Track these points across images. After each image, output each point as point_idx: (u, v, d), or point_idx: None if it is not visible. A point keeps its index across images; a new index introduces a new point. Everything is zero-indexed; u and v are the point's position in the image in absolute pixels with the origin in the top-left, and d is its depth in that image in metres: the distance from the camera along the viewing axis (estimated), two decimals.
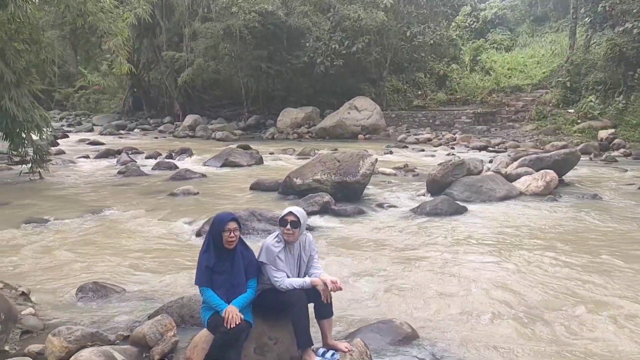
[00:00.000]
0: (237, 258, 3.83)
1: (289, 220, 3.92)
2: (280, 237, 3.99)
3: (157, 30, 32.44)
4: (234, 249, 3.84)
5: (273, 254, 3.90)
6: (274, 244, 3.95)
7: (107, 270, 6.29)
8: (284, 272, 3.89)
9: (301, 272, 4.08)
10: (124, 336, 4.26)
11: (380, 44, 27.71)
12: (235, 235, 3.81)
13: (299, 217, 3.93)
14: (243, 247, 3.91)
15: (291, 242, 3.98)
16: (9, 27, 12.02)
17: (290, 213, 3.94)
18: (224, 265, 3.79)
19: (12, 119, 11.37)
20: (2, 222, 8.37)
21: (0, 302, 3.94)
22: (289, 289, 3.81)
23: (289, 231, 3.92)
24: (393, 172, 13.79)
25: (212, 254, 3.85)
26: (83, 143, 22.87)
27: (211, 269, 3.79)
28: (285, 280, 3.85)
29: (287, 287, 3.82)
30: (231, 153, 15.90)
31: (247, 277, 3.84)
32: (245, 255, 3.88)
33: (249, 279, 3.85)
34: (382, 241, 7.54)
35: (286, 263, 3.96)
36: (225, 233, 3.78)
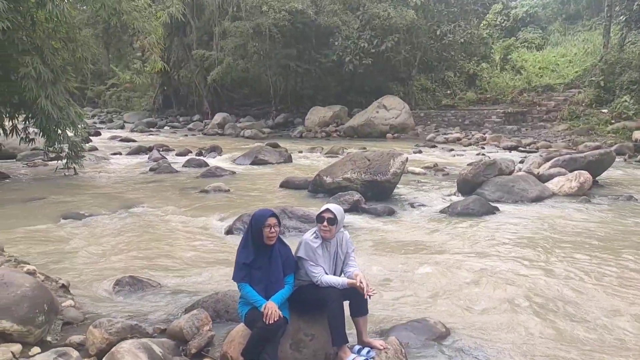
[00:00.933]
0: (275, 254, 3.87)
1: (326, 217, 3.95)
2: (317, 233, 4.02)
3: (188, 29, 32.83)
4: (272, 245, 3.88)
5: (311, 250, 3.94)
6: (312, 239, 4.00)
7: (141, 264, 6.40)
8: (322, 268, 3.92)
9: (337, 269, 4.10)
10: (161, 329, 4.33)
11: (409, 43, 27.53)
12: (276, 230, 3.86)
13: (335, 214, 3.96)
14: (280, 244, 3.95)
15: (328, 239, 4.01)
16: (46, 26, 12.29)
17: (328, 210, 3.97)
18: (262, 261, 3.83)
19: (48, 116, 11.62)
20: (41, 217, 8.59)
21: (43, 295, 4.04)
22: (325, 286, 3.84)
23: (325, 228, 3.95)
24: (423, 171, 13.71)
25: (251, 250, 3.89)
26: (115, 140, 23.26)
27: (249, 265, 3.84)
28: (323, 277, 3.88)
29: (325, 284, 3.84)
30: (260, 151, 16.00)
31: (285, 273, 3.87)
32: (282, 252, 3.92)
33: (287, 275, 3.88)
34: (413, 240, 7.51)
35: (324, 259, 3.99)
36: (266, 229, 3.82)
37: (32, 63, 10.89)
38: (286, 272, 3.89)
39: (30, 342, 3.86)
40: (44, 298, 4.03)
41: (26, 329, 3.80)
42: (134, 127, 30.52)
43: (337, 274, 4.08)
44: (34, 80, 11.01)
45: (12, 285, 3.91)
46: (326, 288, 3.83)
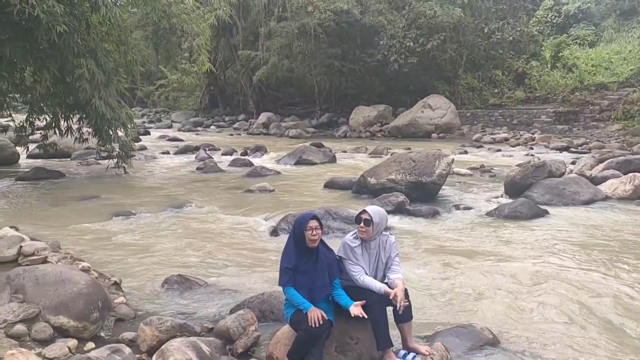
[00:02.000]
0: (319, 258, 3.89)
1: (363, 218, 4.00)
2: (357, 234, 4.05)
3: (234, 29, 33.29)
4: (316, 248, 3.89)
5: (350, 249, 4.00)
6: (352, 240, 4.06)
7: (189, 263, 6.54)
8: (361, 267, 3.95)
9: (379, 271, 4.09)
10: (209, 328, 4.42)
11: (456, 41, 27.13)
12: (317, 233, 3.86)
13: (372, 215, 3.97)
14: (325, 248, 3.97)
15: (366, 240, 4.02)
16: (100, 30, 12.72)
17: (364, 211, 4.03)
18: (306, 265, 3.86)
19: (101, 117, 12.02)
20: (94, 214, 8.89)
21: (97, 292, 4.19)
22: (367, 289, 3.84)
23: (362, 229, 3.99)
24: (469, 172, 13.49)
25: (294, 254, 3.91)
26: (163, 139, 23.84)
27: (292, 270, 3.86)
28: (363, 276, 3.91)
29: (363, 284, 3.87)
30: (305, 151, 16.09)
31: (330, 278, 3.89)
32: (327, 255, 3.93)
33: (332, 280, 3.90)
34: (459, 243, 7.40)
35: (363, 259, 4.00)
36: (308, 232, 3.84)
37: (87, 65, 11.27)
38: (331, 276, 3.90)
39: (85, 338, 4.01)
40: (98, 295, 4.18)
41: (82, 324, 3.95)
42: (181, 126, 31.20)
43: (379, 277, 4.07)
44: (87, 82, 11.40)
45: (69, 283, 4.07)
46: (369, 292, 3.84)
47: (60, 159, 16.04)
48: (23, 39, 11.46)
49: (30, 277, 4.10)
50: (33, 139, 15.34)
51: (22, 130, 14.21)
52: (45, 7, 10.05)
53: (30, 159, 15.81)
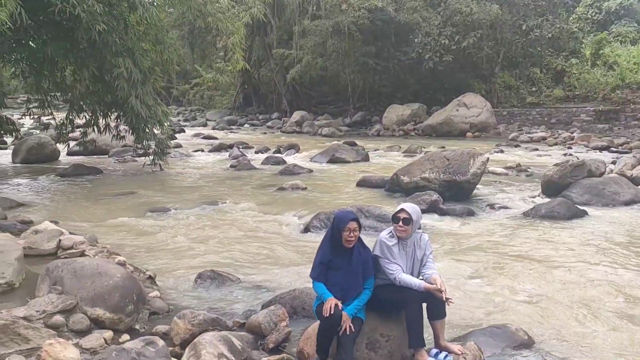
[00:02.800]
0: (354, 256, 3.84)
1: (401, 217, 3.92)
2: (393, 232, 4.00)
3: (268, 28, 33.49)
4: (352, 248, 3.86)
5: (387, 248, 3.94)
6: (388, 238, 3.99)
7: (222, 258, 6.60)
8: (399, 266, 3.89)
9: (415, 269, 4.05)
10: (240, 323, 4.45)
11: (492, 39, 26.69)
12: (355, 235, 3.82)
13: (411, 214, 3.91)
14: (361, 246, 3.91)
15: (404, 238, 3.97)
16: (137, 29, 12.95)
17: (403, 210, 3.94)
18: (340, 263, 3.83)
19: (137, 115, 12.25)
20: (131, 210, 9.07)
21: (133, 285, 4.27)
22: (403, 286, 3.80)
23: (401, 228, 3.92)
24: (504, 171, 13.25)
25: (329, 250, 3.91)
26: (198, 137, 24.14)
27: (326, 265, 3.86)
28: (400, 275, 3.85)
29: (401, 282, 3.81)
30: (338, 149, 16.07)
31: (364, 277, 3.84)
32: (362, 254, 3.88)
33: (366, 279, 3.86)
34: (493, 243, 7.28)
35: (400, 257, 3.96)
36: (345, 232, 3.81)
37: (124, 64, 11.50)
38: (365, 276, 3.85)
39: (120, 329, 4.09)
40: (134, 288, 4.26)
41: (117, 317, 4.03)
42: (215, 124, 31.55)
43: (415, 275, 4.03)
44: (125, 80, 11.62)
45: (105, 275, 4.16)
46: (406, 289, 3.79)
47: (99, 156, 16.41)
48: (64, 39, 11.76)
49: (69, 269, 4.20)
50: (73, 136, 15.76)
51: (63, 128, 14.61)
52: (85, 7, 10.31)
53: (70, 156, 16.25)
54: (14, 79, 15.47)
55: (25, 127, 21.14)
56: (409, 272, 3.99)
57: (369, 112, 31.04)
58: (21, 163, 15.01)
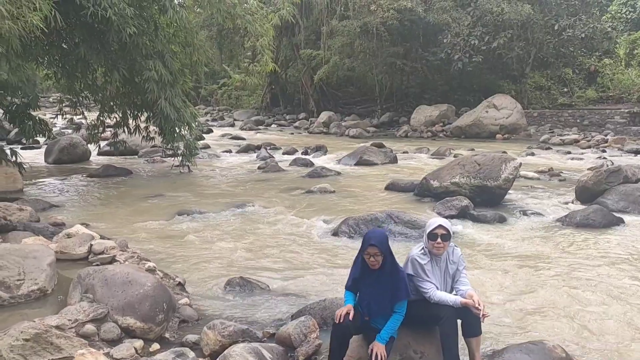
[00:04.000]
0: (383, 278, 3.73)
1: (440, 233, 3.81)
2: (425, 249, 3.89)
3: (296, 29, 33.50)
4: (382, 269, 3.74)
5: (420, 267, 3.84)
6: (420, 256, 3.88)
7: (250, 264, 6.57)
8: (432, 284, 3.79)
9: (447, 285, 3.95)
10: (270, 334, 4.40)
11: (523, 39, 26.20)
12: (376, 260, 3.71)
13: (449, 229, 3.81)
14: (392, 268, 3.75)
15: (439, 255, 3.87)
16: (167, 31, 13.04)
17: (441, 226, 3.82)
18: (368, 280, 3.78)
19: (167, 117, 12.33)
20: (159, 213, 9.12)
21: (163, 294, 4.25)
22: (438, 303, 3.71)
23: (439, 245, 3.82)
24: (536, 175, 12.97)
25: (359, 266, 3.87)
26: (225, 138, 24.27)
27: (357, 280, 3.86)
28: (436, 292, 3.75)
29: (436, 300, 3.71)
30: (365, 151, 15.95)
31: (393, 300, 3.71)
32: (393, 277, 3.73)
33: (395, 302, 3.71)
34: (526, 252, 7.10)
35: (433, 275, 3.85)
36: (366, 256, 3.75)
37: (155, 67, 11.58)
38: (395, 299, 3.70)
39: (150, 338, 4.08)
40: (164, 297, 4.24)
41: (147, 326, 4.02)
42: (243, 124, 31.68)
43: (448, 291, 3.93)
44: (155, 82, 11.71)
45: (136, 284, 4.15)
46: (440, 305, 3.70)
47: (128, 157, 16.61)
48: (95, 41, 11.89)
49: (100, 277, 4.20)
50: (103, 136, 15.97)
51: (94, 129, 14.81)
52: (116, 10, 10.40)
53: (100, 156, 16.48)
54: (47, 80, 15.76)
55: (57, 126, 21.48)
56: (443, 288, 3.90)
57: (397, 112, 30.81)
58: (53, 163, 15.28)
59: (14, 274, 4.50)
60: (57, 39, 12.23)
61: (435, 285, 3.80)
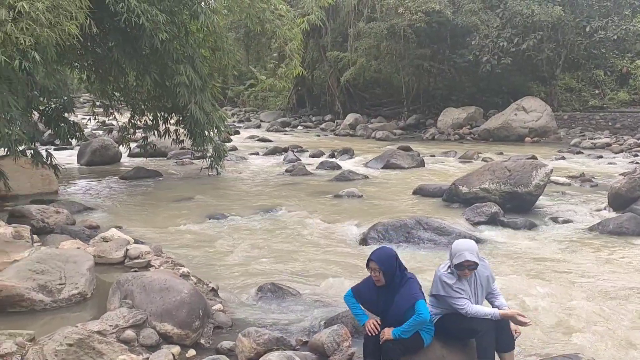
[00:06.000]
0: (391, 292, 3.82)
1: (466, 265, 3.80)
2: (452, 269, 3.89)
3: (323, 30, 33.56)
4: (387, 288, 3.84)
5: (448, 287, 3.84)
6: (447, 276, 3.89)
7: (280, 269, 6.65)
8: (466, 299, 3.79)
9: (478, 298, 3.95)
10: (303, 341, 4.46)
11: (554, 40, 25.81)
12: (376, 275, 3.83)
13: (475, 261, 3.79)
14: (402, 281, 3.84)
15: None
16: (197, 36, 13.23)
17: (467, 261, 3.78)
18: (380, 294, 3.89)
19: (196, 120, 12.51)
20: (189, 216, 9.27)
21: (199, 301, 4.35)
22: (475, 316, 3.72)
23: (466, 274, 3.84)
24: (567, 181, 12.77)
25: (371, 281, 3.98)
26: (252, 140, 24.42)
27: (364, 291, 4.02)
28: (472, 307, 3.76)
29: (473, 314, 3.72)
30: (393, 155, 15.92)
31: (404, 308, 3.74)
32: (401, 289, 3.81)
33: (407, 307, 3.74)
34: (558, 261, 7.03)
35: (464, 292, 3.86)
36: (369, 270, 3.85)
37: (185, 71, 11.76)
38: (404, 306, 3.74)
39: (186, 345, 4.17)
40: (199, 304, 4.33)
41: (184, 332, 4.11)
42: (269, 126, 31.86)
43: (479, 304, 3.93)
44: (186, 87, 11.89)
45: (173, 291, 4.25)
46: (478, 319, 3.70)
47: (158, 158, 16.86)
48: (128, 46, 12.13)
49: (138, 283, 4.31)
50: (133, 138, 16.25)
51: (126, 131, 15.10)
52: (149, 16, 10.59)
53: (130, 158, 16.77)
54: (81, 84, 16.14)
55: (88, 128, 21.94)
56: (474, 301, 3.90)
57: (424, 115, 30.62)
58: (86, 165, 15.61)
59: (55, 278, 4.64)
60: (91, 44, 12.51)
61: (469, 300, 3.80)
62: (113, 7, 10.24)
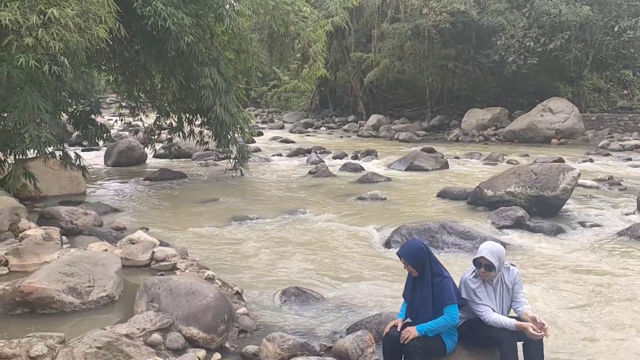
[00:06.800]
0: (424, 286, 3.91)
1: (483, 264, 3.84)
2: (476, 272, 3.90)
3: (346, 31, 33.53)
4: (421, 277, 3.94)
5: (471, 291, 3.89)
6: (472, 279, 3.94)
7: (303, 273, 6.66)
8: (487, 306, 3.78)
9: (505, 305, 3.93)
10: (327, 347, 4.47)
11: (582, 40, 25.38)
12: (409, 268, 3.99)
13: (492, 261, 3.80)
14: (434, 275, 3.91)
15: (488, 279, 3.89)
16: (222, 39, 13.35)
17: (483, 258, 3.82)
18: (413, 287, 4.03)
19: (221, 122, 12.62)
20: (215, 218, 9.35)
21: (224, 305, 4.38)
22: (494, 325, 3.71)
23: (484, 273, 3.87)
24: (595, 184, 12.54)
25: (409, 277, 4.12)
26: (276, 141, 24.52)
27: (408, 287, 4.13)
28: (490, 315, 3.75)
29: (492, 323, 3.71)
30: (416, 157, 15.83)
31: (437, 305, 3.83)
32: (435, 285, 3.88)
33: (439, 307, 3.82)
34: (585, 267, 6.91)
35: (488, 297, 3.85)
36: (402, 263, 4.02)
37: (210, 74, 11.87)
38: (438, 304, 3.82)
39: (212, 349, 4.21)
40: (225, 308, 4.37)
41: (210, 336, 4.15)
42: (292, 127, 31.95)
43: (505, 310, 3.91)
44: (210, 89, 12.00)
45: (199, 295, 4.29)
46: (499, 328, 3.68)
47: (183, 160, 17.03)
48: (154, 49, 12.30)
49: (165, 287, 4.37)
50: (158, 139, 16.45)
51: (151, 132, 15.30)
52: (175, 20, 10.73)
53: (155, 159, 16.97)
54: (108, 85, 16.44)
55: (115, 129, 22.29)
56: (500, 308, 3.89)
57: (447, 115, 30.38)
58: (112, 166, 15.86)
59: (84, 280, 4.73)
60: (118, 48, 12.70)
61: (490, 307, 3.79)
62: (140, 10, 10.40)
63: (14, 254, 5.62)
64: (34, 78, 8.15)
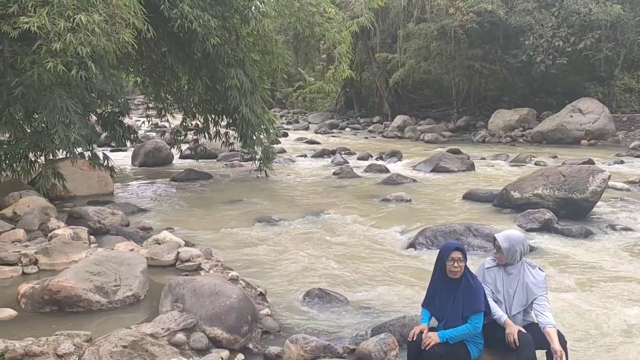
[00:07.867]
0: (460, 289, 3.84)
1: (496, 244, 4.13)
2: (494, 257, 4.16)
3: (372, 32, 33.43)
4: (460, 280, 3.87)
5: (484, 271, 4.13)
6: (489, 260, 4.22)
7: (327, 275, 6.65)
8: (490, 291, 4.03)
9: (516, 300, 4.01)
10: (350, 349, 4.45)
11: (612, 40, 24.86)
12: (460, 265, 3.86)
13: (501, 243, 4.03)
14: (469, 279, 3.88)
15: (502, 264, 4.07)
16: (247, 40, 13.43)
17: (496, 239, 4.14)
18: (445, 294, 3.91)
19: (247, 123, 12.70)
20: (239, 219, 9.41)
21: (247, 306, 4.40)
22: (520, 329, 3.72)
23: (497, 256, 4.10)
24: (626, 186, 12.26)
25: (437, 280, 4.03)
26: (300, 142, 24.56)
27: (433, 296, 4.05)
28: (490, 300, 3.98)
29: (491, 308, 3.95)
30: (442, 158, 15.69)
31: (467, 312, 3.79)
32: (469, 288, 3.84)
33: (469, 313, 3.79)
34: (616, 272, 6.75)
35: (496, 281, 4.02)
36: (449, 262, 3.87)
37: (236, 75, 11.95)
38: (468, 310, 3.79)
39: (235, 349, 4.23)
40: (248, 309, 4.39)
41: (233, 337, 4.17)
42: (317, 128, 31.97)
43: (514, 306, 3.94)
44: (237, 90, 12.08)
45: (222, 296, 4.31)
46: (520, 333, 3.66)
47: (208, 160, 17.17)
48: (181, 51, 12.44)
49: (189, 287, 4.40)
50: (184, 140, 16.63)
51: (178, 133, 15.48)
52: (201, 22, 10.83)
53: (181, 159, 17.16)
54: (135, 87, 16.71)
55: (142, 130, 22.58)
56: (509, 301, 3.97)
57: (474, 116, 30.04)
58: (139, 166, 16.08)
59: (111, 280, 4.80)
60: (146, 50, 12.89)
61: (491, 289, 4.03)
62: (167, 13, 10.52)
63: (43, 253, 5.74)
64: (63, 80, 8.30)
